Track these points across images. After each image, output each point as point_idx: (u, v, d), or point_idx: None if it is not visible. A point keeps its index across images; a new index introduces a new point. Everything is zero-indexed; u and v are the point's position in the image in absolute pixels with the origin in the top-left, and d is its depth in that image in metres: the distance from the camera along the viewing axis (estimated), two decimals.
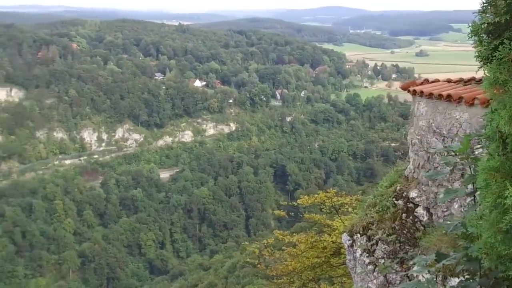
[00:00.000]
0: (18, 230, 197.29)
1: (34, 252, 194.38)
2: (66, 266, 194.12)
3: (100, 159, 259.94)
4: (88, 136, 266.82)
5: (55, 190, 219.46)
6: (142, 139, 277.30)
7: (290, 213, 32.90)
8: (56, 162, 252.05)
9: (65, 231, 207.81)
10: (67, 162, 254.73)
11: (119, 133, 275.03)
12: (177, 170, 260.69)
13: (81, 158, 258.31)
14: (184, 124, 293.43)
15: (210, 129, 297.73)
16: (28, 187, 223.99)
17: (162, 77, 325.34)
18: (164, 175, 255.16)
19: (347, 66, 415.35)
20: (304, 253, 27.22)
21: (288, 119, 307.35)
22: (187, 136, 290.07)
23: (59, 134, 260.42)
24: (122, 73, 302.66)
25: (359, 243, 15.22)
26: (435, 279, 8.74)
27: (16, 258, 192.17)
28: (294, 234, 30.72)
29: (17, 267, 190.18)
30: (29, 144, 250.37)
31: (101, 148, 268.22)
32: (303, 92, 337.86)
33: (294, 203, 30.42)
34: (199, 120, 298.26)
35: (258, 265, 34.55)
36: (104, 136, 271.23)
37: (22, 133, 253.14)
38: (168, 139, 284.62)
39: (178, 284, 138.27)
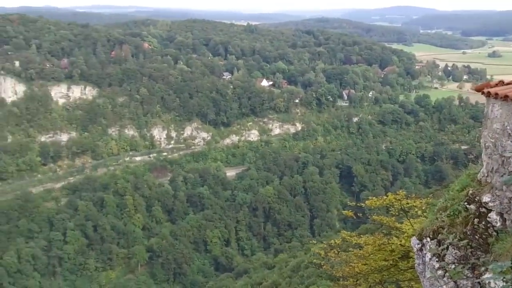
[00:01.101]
0: (90, 224, 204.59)
1: (105, 246, 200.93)
2: (135, 260, 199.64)
3: (169, 156, 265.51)
4: (158, 133, 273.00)
5: (126, 185, 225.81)
6: (209, 137, 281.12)
7: (358, 214, 32.58)
8: (127, 159, 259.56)
9: (134, 226, 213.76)
10: (137, 158, 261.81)
11: (188, 131, 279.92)
12: (243, 168, 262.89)
13: (151, 155, 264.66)
14: (251, 123, 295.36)
15: (276, 129, 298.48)
16: (100, 182, 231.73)
17: (230, 76, 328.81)
18: (230, 173, 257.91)
19: (416, 67, 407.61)
20: (371, 255, 26.94)
21: (355, 119, 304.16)
22: (253, 135, 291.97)
23: (130, 132, 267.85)
24: (191, 72, 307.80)
25: (428, 247, 15.02)
26: (510, 287, 8.57)
27: (87, 251, 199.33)
28: (360, 236, 30.47)
29: (88, 260, 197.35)
30: (102, 140, 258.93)
31: (170, 146, 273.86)
32: (370, 93, 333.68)
33: (362, 204, 30.16)
34: (265, 120, 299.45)
35: (324, 266, 34.39)
36: (173, 134, 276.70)
37: (95, 130, 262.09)
38: (235, 138, 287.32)
39: (242, 281, 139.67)
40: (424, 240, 15.59)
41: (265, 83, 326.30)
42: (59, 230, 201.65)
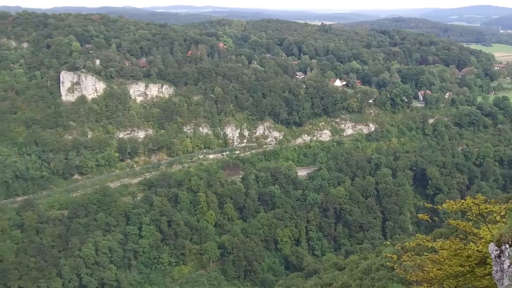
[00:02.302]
0: (165, 219, 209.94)
1: (178, 241, 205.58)
2: (206, 256, 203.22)
3: (241, 154, 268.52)
4: (231, 132, 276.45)
5: (199, 183, 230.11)
6: (281, 137, 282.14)
7: (435, 218, 32.27)
8: (201, 156, 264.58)
9: (207, 222, 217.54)
10: (211, 156, 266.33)
11: (260, 130, 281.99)
12: (315, 168, 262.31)
13: (224, 153, 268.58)
14: (323, 123, 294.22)
15: (349, 129, 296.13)
16: (174, 178, 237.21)
17: (303, 76, 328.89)
18: (302, 173, 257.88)
19: (495, 68, 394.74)
20: (447, 260, 26.68)
21: (431, 121, 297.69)
22: (325, 135, 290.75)
23: (204, 130, 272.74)
24: (264, 71, 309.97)
25: (507, 254, 14.98)
26: None
27: (161, 246, 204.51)
28: (436, 240, 30.22)
29: (162, 254, 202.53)
30: (177, 138, 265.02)
31: (243, 144, 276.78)
32: (447, 94, 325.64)
33: (438, 206, 29.97)
34: (338, 120, 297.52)
35: (396, 269, 34.24)
36: (246, 133, 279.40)
37: (171, 128, 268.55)
38: (307, 138, 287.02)
39: (312, 281, 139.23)
40: (503, 247, 15.52)
41: (338, 83, 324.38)
42: (135, 224, 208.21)
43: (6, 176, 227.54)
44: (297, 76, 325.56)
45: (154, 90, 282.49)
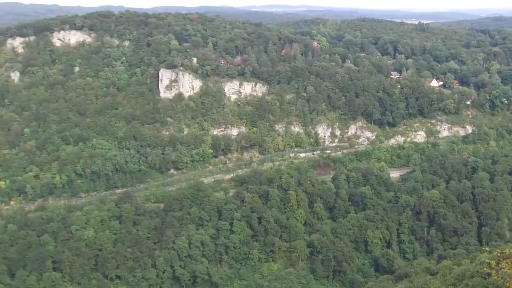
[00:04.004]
0: (255, 215, 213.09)
1: (268, 238, 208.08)
2: (295, 255, 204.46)
3: (332, 154, 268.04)
4: (322, 131, 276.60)
5: (290, 181, 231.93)
6: (374, 137, 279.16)
7: None
8: (292, 155, 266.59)
9: (296, 220, 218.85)
10: (302, 155, 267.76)
11: (352, 130, 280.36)
12: (408, 170, 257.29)
13: (315, 152, 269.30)
14: (417, 124, 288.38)
15: (444, 131, 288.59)
16: (265, 176, 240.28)
17: (398, 76, 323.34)
18: (394, 174, 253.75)
19: None
20: None
21: None
22: (420, 136, 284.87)
23: (296, 128, 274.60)
24: (358, 71, 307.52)
25: None
26: None
27: (251, 242, 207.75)
28: None
29: (252, 250, 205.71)
30: (269, 136, 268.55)
31: (334, 144, 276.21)
32: None
33: None
34: (433, 121, 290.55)
35: (494, 277, 34.06)
36: (337, 132, 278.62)
37: (263, 126, 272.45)
38: (400, 139, 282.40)
39: (402, 285, 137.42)
40: None
41: (434, 83, 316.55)
42: (226, 219, 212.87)
43: (107, 169, 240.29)
44: (392, 76, 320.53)
45: (248, 88, 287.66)
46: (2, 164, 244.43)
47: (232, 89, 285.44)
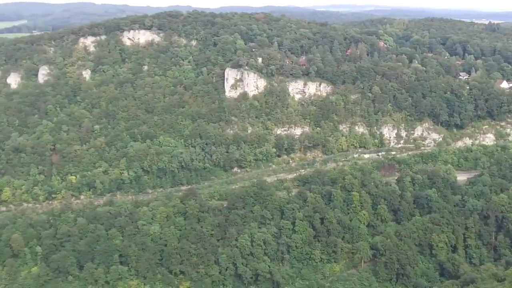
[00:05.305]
0: (318, 216, 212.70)
1: (330, 239, 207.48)
2: (358, 256, 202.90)
3: (397, 155, 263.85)
4: (388, 132, 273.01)
5: (353, 182, 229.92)
6: (440, 139, 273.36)
7: None
8: (356, 155, 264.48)
9: (359, 222, 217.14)
10: (366, 156, 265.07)
11: (418, 131, 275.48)
12: (475, 173, 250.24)
13: (379, 153, 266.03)
14: (486, 126, 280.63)
15: None
16: (328, 176, 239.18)
17: (466, 77, 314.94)
18: (461, 177, 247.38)
19: None
20: None
21: None
22: (488, 139, 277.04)
23: (360, 129, 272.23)
24: (426, 71, 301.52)
25: None
26: None
27: (314, 242, 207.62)
28: None
29: (314, 251, 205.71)
30: (332, 136, 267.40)
31: (399, 145, 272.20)
32: None
33: None
34: (503, 124, 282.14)
35: None
36: (403, 134, 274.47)
37: (326, 126, 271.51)
38: (468, 141, 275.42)
39: None
40: None
41: (505, 84, 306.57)
42: (289, 219, 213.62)
43: (173, 166, 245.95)
44: (460, 77, 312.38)
45: (312, 88, 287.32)
46: (73, 159, 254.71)
47: (296, 89, 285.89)
